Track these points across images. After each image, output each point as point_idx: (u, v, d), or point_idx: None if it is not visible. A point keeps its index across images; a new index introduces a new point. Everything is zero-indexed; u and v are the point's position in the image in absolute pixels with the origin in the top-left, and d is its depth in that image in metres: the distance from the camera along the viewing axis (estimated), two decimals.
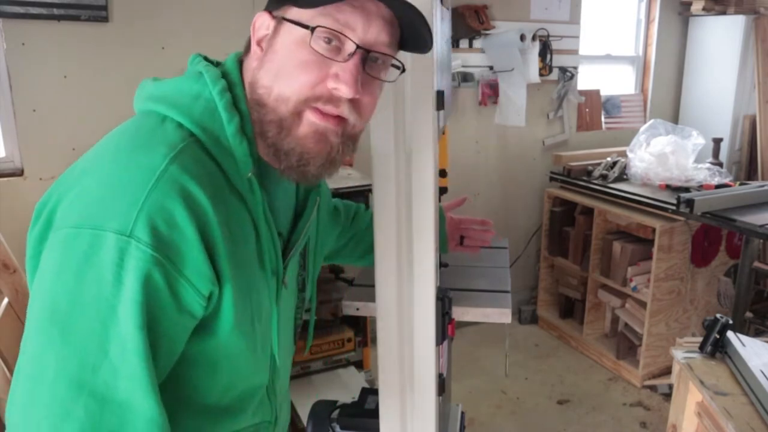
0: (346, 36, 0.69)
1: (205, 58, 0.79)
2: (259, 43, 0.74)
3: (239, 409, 0.80)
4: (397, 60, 0.75)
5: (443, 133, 1.08)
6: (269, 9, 0.75)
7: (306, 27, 0.68)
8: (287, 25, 0.71)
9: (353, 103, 0.72)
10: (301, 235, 0.86)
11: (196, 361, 0.72)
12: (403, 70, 0.76)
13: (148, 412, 0.63)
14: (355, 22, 0.69)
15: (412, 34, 0.73)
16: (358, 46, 0.69)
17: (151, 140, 0.67)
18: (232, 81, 0.75)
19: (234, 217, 0.71)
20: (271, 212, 0.77)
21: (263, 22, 0.74)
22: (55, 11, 2.17)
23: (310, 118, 0.71)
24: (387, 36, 0.71)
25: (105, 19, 2.27)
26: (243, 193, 0.72)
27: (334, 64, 0.69)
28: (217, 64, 0.79)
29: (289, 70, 0.70)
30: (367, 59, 0.71)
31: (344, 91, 0.69)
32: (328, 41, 0.69)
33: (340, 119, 0.72)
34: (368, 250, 1.20)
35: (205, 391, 0.75)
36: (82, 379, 0.61)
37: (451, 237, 1.29)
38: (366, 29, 0.69)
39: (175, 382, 0.72)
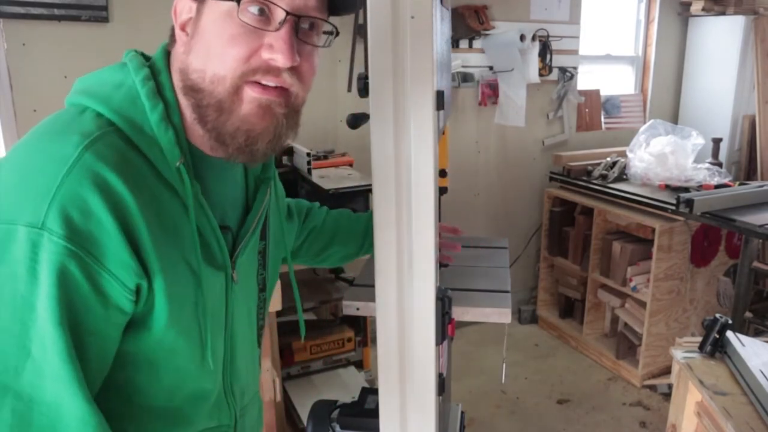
0: (274, 3, 0.67)
1: (142, 54, 0.77)
2: (183, 28, 0.71)
3: (191, 412, 0.78)
4: (329, 23, 0.73)
5: (443, 133, 1.08)
6: None
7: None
8: (210, 3, 0.68)
9: (293, 70, 0.70)
10: (251, 229, 0.83)
11: (135, 360, 0.70)
12: (336, 34, 0.75)
13: (78, 411, 0.61)
14: None
15: None
16: (288, 13, 0.67)
17: (65, 129, 0.65)
18: (157, 69, 0.73)
19: (164, 207, 0.68)
20: (212, 204, 0.75)
21: (184, 6, 0.72)
22: (56, 11, 2.18)
23: (251, 93, 0.69)
24: (315, 0, 0.70)
25: (105, 20, 2.27)
26: (173, 183, 0.69)
27: (266, 34, 0.67)
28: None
29: (219, 47, 0.68)
30: (299, 25, 0.69)
31: (281, 60, 0.67)
32: (258, 11, 0.67)
33: (282, 90, 0.70)
34: (326, 246, 1.18)
35: (150, 392, 0.73)
36: (5, 383, 0.59)
37: None
38: None
39: (118, 384, 0.70)
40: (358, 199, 2.20)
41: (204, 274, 0.72)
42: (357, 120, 1.00)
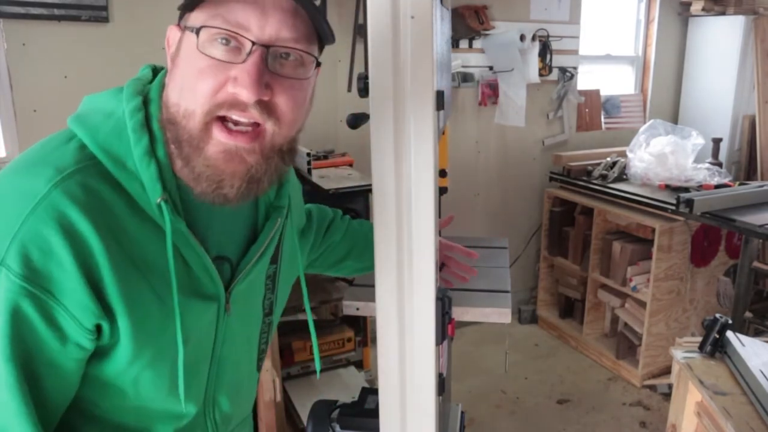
0: (239, 34, 0.64)
1: (153, 69, 0.76)
2: (172, 59, 0.69)
3: (163, 431, 0.77)
4: (310, 54, 0.69)
5: (443, 133, 1.08)
6: (178, 23, 0.70)
7: (197, 32, 0.64)
8: (187, 34, 0.67)
9: (264, 106, 0.66)
10: (253, 259, 0.80)
11: (100, 384, 0.70)
12: (318, 64, 0.71)
13: None
14: (248, 18, 0.64)
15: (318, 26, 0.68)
16: (253, 44, 0.64)
17: (43, 161, 0.64)
18: (150, 98, 0.71)
19: (140, 244, 0.66)
20: (205, 236, 0.73)
21: (173, 37, 0.70)
22: (56, 11, 2.18)
23: (218, 136, 0.66)
24: (290, 30, 0.66)
25: (105, 20, 2.27)
26: (155, 219, 0.67)
27: (233, 67, 0.64)
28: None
29: (189, 81, 0.66)
30: (271, 56, 0.66)
31: (244, 94, 0.64)
32: (226, 42, 0.64)
33: (253, 133, 0.67)
34: (340, 260, 1.17)
35: (118, 412, 0.73)
36: None
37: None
38: (262, 25, 0.64)
39: (86, 402, 0.71)
40: (358, 199, 2.21)
41: (185, 307, 0.70)
42: (357, 120, 1.00)
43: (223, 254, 0.78)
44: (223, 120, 0.66)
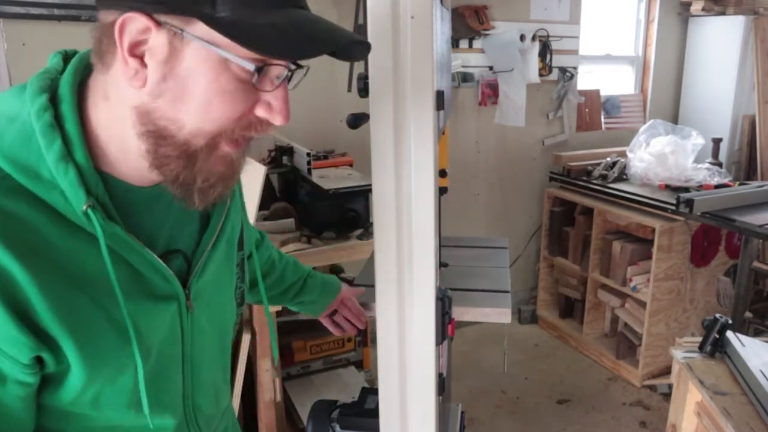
0: (279, 64, 0.61)
1: (65, 56, 0.68)
2: (134, 54, 0.59)
3: None
4: (304, 67, 0.67)
5: (443, 133, 1.08)
6: (146, 11, 0.57)
7: (241, 60, 0.59)
8: (195, 45, 0.58)
9: None
10: (207, 248, 0.76)
11: (61, 414, 0.67)
12: (303, 69, 0.69)
13: None
14: None
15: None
16: (289, 69, 0.62)
17: None
18: (61, 96, 0.63)
19: (72, 259, 0.61)
20: (148, 233, 0.69)
21: (136, 27, 0.58)
22: (56, 11, 2.18)
23: (225, 149, 0.64)
24: None
25: None
26: (84, 227, 0.62)
27: (261, 90, 0.62)
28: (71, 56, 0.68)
29: (208, 101, 0.60)
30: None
31: (279, 120, 0.63)
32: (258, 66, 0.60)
33: (249, 139, 0.66)
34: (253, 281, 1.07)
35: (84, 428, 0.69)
36: None
37: (330, 306, 1.24)
38: None
39: (45, 431, 0.67)
40: (358, 199, 2.20)
41: (138, 314, 0.67)
42: (357, 120, 1.00)
43: (174, 248, 0.73)
44: (231, 140, 0.64)
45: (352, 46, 0.62)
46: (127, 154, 0.64)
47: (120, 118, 0.62)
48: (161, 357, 0.72)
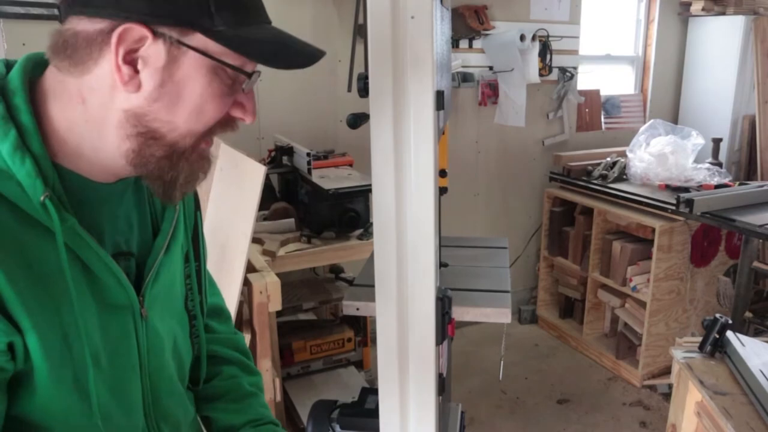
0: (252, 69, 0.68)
1: (6, 63, 0.70)
2: (127, 61, 0.61)
3: None
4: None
5: (443, 133, 1.08)
6: (146, 22, 0.60)
7: (236, 69, 0.65)
8: (192, 54, 0.63)
9: None
10: (160, 253, 0.76)
11: (30, 427, 0.66)
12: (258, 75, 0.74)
13: None
14: None
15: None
16: (256, 72, 0.68)
17: None
18: (12, 89, 0.64)
19: (33, 253, 0.61)
20: (102, 231, 0.69)
21: (133, 36, 0.60)
22: (56, 11, 2.17)
23: (203, 146, 0.70)
24: None
25: None
26: (41, 220, 0.61)
27: (238, 92, 0.68)
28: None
29: (201, 104, 0.65)
30: None
31: (249, 119, 0.69)
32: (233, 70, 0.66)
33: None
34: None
35: None
36: None
37: None
38: None
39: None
40: (358, 199, 2.21)
41: (89, 316, 0.66)
42: (357, 120, 0.99)
43: (125, 250, 0.73)
44: (208, 139, 0.70)
45: (318, 56, 0.70)
46: (98, 152, 0.65)
47: (99, 119, 0.64)
48: (116, 366, 0.71)
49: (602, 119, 3.72)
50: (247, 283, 1.79)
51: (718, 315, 1.47)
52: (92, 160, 0.66)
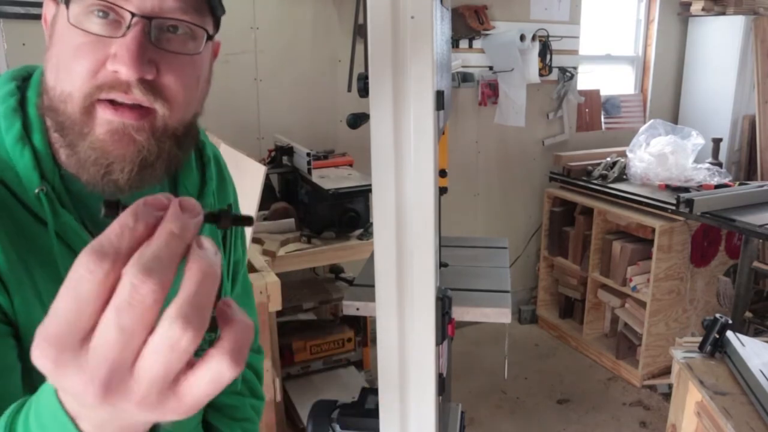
0: (116, 5, 0.57)
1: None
2: (49, 37, 0.61)
3: None
4: (200, 26, 0.61)
5: (443, 133, 1.08)
6: None
7: (67, 4, 0.57)
8: (61, 8, 0.59)
9: (149, 86, 0.58)
10: None
11: None
12: (210, 38, 0.63)
13: None
14: None
15: None
16: (133, 15, 0.57)
17: None
18: (30, 82, 0.65)
19: (28, 232, 0.61)
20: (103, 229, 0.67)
21: (49, 12, 0.61)
22: None
23: (102, 115, 0.58)
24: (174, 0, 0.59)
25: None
26: (37, 211, 0.61)
27: (112, 42, 0.57)
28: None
29: (65, 61, 0.58)
30: (156, 29, 0.58)
31: (124, 72, 0.56)
32: (104, 15, 0.57)
33: (141, 111, 0.59)
34: None
35: None
36: None
37: None
38: None
39: None
40: (358, 199, 2.21)
41: None
42: (357, 120, 0.99)
43: None
44: (106, 101, 0.59)
45: None
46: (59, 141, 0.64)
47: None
48: None
49: (602, 119, 3.72)
50: None
51: (718, 315, 1.47)
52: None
